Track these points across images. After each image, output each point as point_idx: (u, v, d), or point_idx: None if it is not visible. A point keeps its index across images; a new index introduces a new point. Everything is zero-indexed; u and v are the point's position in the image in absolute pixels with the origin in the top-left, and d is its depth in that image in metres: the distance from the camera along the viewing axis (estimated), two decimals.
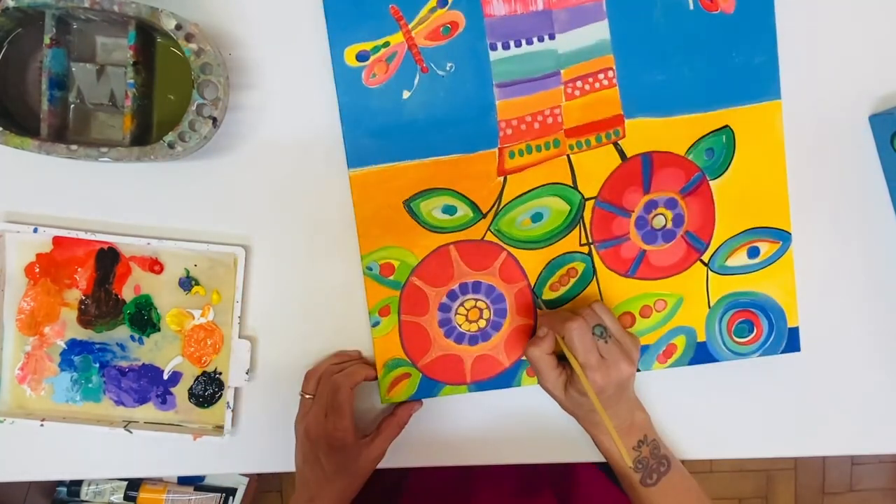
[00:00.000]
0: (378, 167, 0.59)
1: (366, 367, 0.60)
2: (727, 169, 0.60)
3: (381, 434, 0.59)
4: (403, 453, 0.63)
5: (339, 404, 0.57)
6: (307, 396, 0.59)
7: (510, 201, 0.60)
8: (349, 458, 0.57)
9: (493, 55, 0.58)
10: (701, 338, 0.62)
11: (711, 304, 0.62)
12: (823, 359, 0.64)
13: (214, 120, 0.54)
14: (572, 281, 0.61)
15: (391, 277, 0.60)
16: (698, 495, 0.59)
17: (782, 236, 0.61)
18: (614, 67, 0.59)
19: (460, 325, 0.61)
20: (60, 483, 1.42)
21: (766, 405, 0.65)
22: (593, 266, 0.61)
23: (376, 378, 0.61)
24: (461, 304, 0.61)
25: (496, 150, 0.59)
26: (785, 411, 0.65)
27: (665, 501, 0.58)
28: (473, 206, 0.60)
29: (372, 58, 0.57)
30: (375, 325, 0.61)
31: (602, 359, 0.54)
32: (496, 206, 0.60)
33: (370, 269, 0.60)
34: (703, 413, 0.64)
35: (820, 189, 0.62)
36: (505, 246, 0.60)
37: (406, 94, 0.58)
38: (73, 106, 0.57)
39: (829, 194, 0.62)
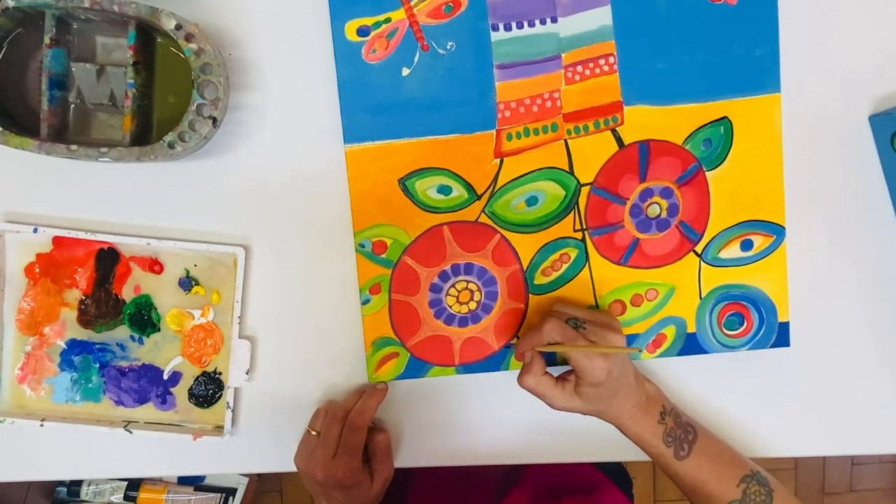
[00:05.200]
0: (374, 144, 0.59)
1: (374, 393, 0.60)
2: (724, 160, 0.60)
3: (376, 458, 0.60)
4: (404, 454, 0.64)
5: (354, 445, 0.57)
6: (313, 433, 0.59)
7: (506, 184, 0.60)
8: (362, 491, 0.58)
9: (494, 36, 0.58)
10: (691, 329, 0.62)
11: (703, 296, 0.62)
12: (823, 358, 0.64)
13: (214, 120, 0.54)
14: (565, 266, 0.61)
15: (383, 255, 0.60)
16: (732, 456, 0.59)
17: (776, 230, 0.62)
18: (615, 53, 0.59)
19: (451, 307, 0.61)
20: (60, 483, 1.42)
21: (766, 405, 0.65)
22: (586, 252, 0.61)
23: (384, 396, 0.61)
24: (453, 286, 0.61)
25: (494, 131, 0.59)
26: (784, 411, 0.65)
27: (703, 471, 0.57)
28: (469, 186, 0.60)
29: (373, 33, 0.57)
30: (365, 302, 0.61)
31: (593, 343, 0.54)
32: (492, 187, 0.60)
33: (362, 245, 0.60)
34: (703, 414, 0.64)
35: (816, 185, 0.62)
36: (499, 228, 0.60)
37: (405, 72, 0.58)
38: (73, 106, 0.57)
39: (826, 191, 0.62)
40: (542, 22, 0.58)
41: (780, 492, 0.57)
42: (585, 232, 0.61)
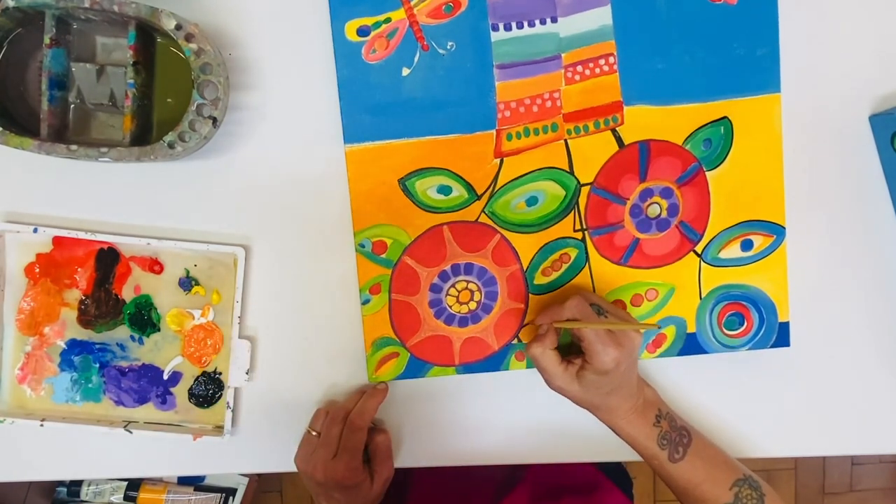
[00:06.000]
0: (374, 144, 0.59)
1: (375, 394, 0.60)
2: (724, 160, 0.60)
3: (376, 459, 0.60)
4: (404, 455, 0.64)
5: (355, 446, 0.57)
6: (313, 434, 0.59)
7: (506, 184, 0.60)
8: (362, 491, 0.58)
9: (494, 36, 0.58)
10: (691, 329, 0.62)
11: (703, 296, 0.62)
12: (823, 358, 0.64)
13: (214, 120, 0.54)
14: (565, 266, 0.61)
15: (383, 255, 0.60)
16: (725, 460, 0.59)
17: (776, 230, 0.62)
18: (615, 53, 0.59)
19: (451, 307, 0.61)
20: (60, 483, 1.42)
21: (766, 405, 0.65)
22: (586, 252, 0.61)
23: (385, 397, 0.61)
24: (453, 286, 0.61)
25: (494, 131, 0.59)
26: (784, 411, 0.65)
27: (696, 474, 0.57)
28: (469, 187, 0.60)
29: (373, 33, 0.57)
30: (366, 302, 0.61)
31: (610, 332, 0.54)
32: (492, 187, 0.60)
33: (362, 245, 0.60)
34: (702, 414, 0.64)
35: (816, 185, 0.62)
36: (499, 228, 0.60)
37: (406, 72, 0.58)
38: (73, 106, 0.57)
39: (826, 191, 0.62)
40: (542, 22, 0.58)
41: (771, 496, 0.58)
42: (585, 232, 0.61)
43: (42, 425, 0.60)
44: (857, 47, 0.61)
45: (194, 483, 1.42)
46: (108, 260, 0.61)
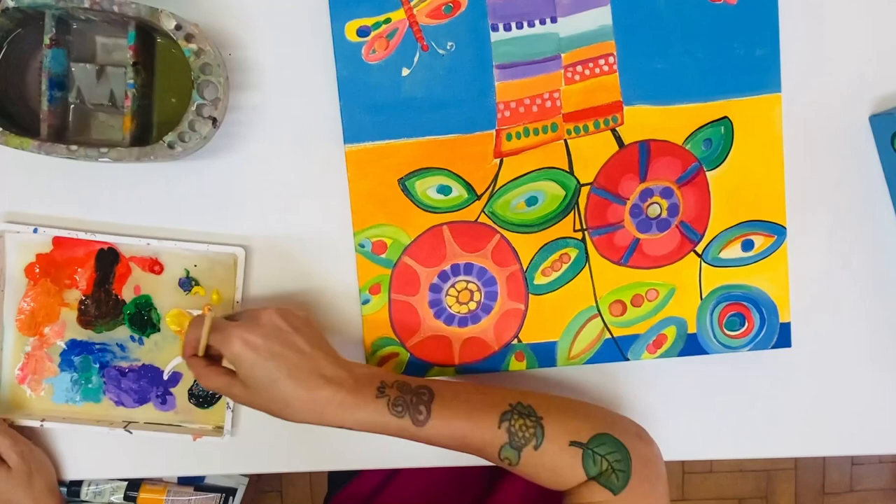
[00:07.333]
0: (374, 144, 0.59)
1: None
2: (724, 160, 0.60)
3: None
4: (398, 455, 0.63)
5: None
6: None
7: (506, 184, 0.60)
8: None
9: (494, 36, 0.58)
10: (692, 329, 0.62)
11: (703, 296, 0.62)
12: (822, 357, 0.64)
13: (214, 120, 0.54)
14: (565, 266, 0.61)
15: (383, 255, 0.60)
16: (483, 398, 0.52)
17: (777, 230, 0.62)
18: (615, 53, 0.59)
19: (450, 307, 0.61)
20: (60, 483, 1.42)
21: (766, 405, 0.65)
22: (586, 252, 0.61)
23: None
24: (452, 286, 0.61)
25: (493, 131, 0.59)
26: (784, 411, 0.65)
27: (455, 427, 0.50)
28: (468, 186, 0.60)
29: (373, 34, 0.57)
30: (365, 302, 0.61)
31: (237, 322, 0.51)
32: (491, 187, 0.60)
33: (362, 245, 0.60)
34: (703, 412, 0.64)
35: (817, 185, 0.62)
36: (498, 228, 0.60)
37: (405, 72, 0.58)
38: (73, 106, 0.57)
39: (827, 191, 0.62)
40: (542, 22, 0.58)
41: (550, 414, 0.51)
42: (585, 232, 0.61)
43: (42, 425, 0.60)
44: (857, 47, 0.61)
45: (194, 483, 1.42)
46: (108, 260, 0.61)
